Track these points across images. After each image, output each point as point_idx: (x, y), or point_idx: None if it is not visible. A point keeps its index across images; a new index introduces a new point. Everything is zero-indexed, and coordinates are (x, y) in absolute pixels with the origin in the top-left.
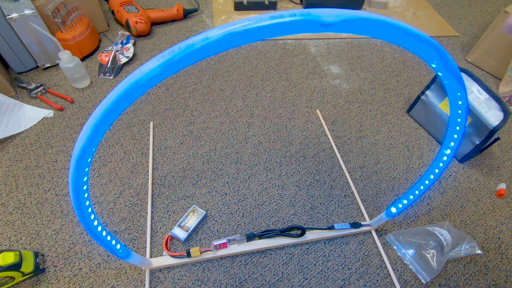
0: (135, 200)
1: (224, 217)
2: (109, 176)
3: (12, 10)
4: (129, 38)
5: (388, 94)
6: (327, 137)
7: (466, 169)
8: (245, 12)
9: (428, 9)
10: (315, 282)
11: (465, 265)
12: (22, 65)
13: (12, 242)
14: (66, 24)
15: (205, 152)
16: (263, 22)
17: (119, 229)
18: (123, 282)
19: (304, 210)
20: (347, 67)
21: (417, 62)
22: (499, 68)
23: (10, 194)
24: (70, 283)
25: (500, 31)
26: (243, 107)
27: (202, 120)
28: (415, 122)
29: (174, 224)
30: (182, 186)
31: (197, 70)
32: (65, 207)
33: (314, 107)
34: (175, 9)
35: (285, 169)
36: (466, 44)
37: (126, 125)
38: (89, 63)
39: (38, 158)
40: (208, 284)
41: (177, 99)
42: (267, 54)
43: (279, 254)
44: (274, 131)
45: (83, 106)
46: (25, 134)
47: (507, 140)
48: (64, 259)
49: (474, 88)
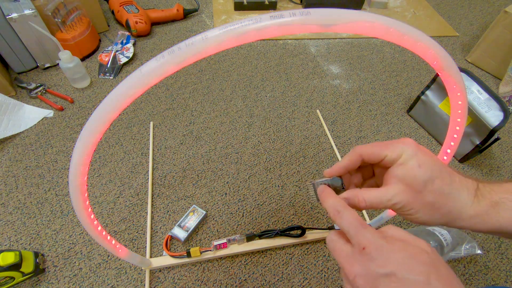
0: (135, 200)
1: (224, 217)
2: (109, 176)
3: (12, 10)
4: (129, 38)
5: (388, 94)
6: (327, 137)
7: (466, 169)
8: (245, 12)
9: (428, 9)
10: (315, 282)
11: (465, 265)
12: (22, 65)
13: (12, 242)
14: (66, 24)
15: (205, 152)
16: (263, 22)
17: (119, 229)
18: (123, 282)
19: (304, 210)
20: (347, 67)
21: (417, 62)
22: (499, 68)
23: (10, 194)
24: (70, 283)
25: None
26: (243, 107)
27: (202, 120)
28: (415, 122)
29: (174, 224)
30: (182, 186)
31: (197, 70)
32: (65, 207)
33: (314, 107)
34: (175, 9)
35: (285, 169)
36: (466, 44)
37: (126, 125)
38: (89, 63)
39: (38, 158)
40: (208, 284)
41: (177, 99)
42: (267, 54)
43: (279, 254)
44: (274, 131)
45: (83, 106)
46: (25, 134)
47: (507, 140)
48: (64, 259)
49: (474, 88)
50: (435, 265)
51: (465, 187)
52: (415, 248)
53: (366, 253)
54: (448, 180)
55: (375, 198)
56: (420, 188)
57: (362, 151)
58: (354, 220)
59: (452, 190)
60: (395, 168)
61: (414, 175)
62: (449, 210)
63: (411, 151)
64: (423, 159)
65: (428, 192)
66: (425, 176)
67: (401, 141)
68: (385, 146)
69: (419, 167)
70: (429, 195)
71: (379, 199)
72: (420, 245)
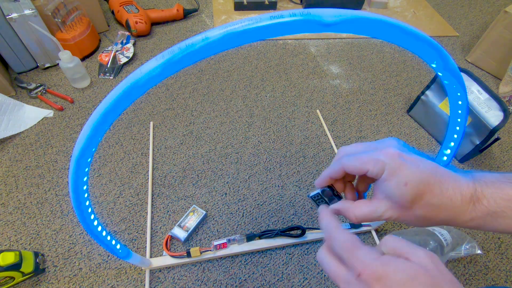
0: (135, 200)
1: (224, 217)
2: (109, 176)
3: (12, 10)
4: (129, 38)
5: (388, 94)
6: (327, 137)
7: (466, 169)
8: (245, 12)
9: (428, 9)
10: (315, 282)
11: (465, 265)
12: (22, 65)
13: (12, 242)
14: (66, 24)
15: (205, 152)
16: (263, 22)
17: (119, 229)
18: (123, 282)
19: (304, 210)
20: (347, 67)
21: (417, 62)
22: (499, 68)
23: (10, 194)
24: (70, 283)
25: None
26: (243, 107)
27: (202, 120)
28: (415, 122)
29: (174, 224)
30: (182, 186)
31: (197, 70)
32: (65, 207)
33: (314, 107)
34: (175, 9)
35: (285, 169)
36: (466, 44)
37: (126, 125)
38: (89, 63)
39: (38, 158)
40: (208, 284)
41: (177, 99)
42: (267, 54)
43: (279, 254)
44: (274, 131)
45: (83, 106)
46: (25, 134)
47: (507, 140)
48: (64, 259)
49: (474, 88)
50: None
51: (459, 193)
52: (414, 266)
53: (363, 280)
54: (439, 191)
55: (366, 215)
56: (408, 205)
57: (344, 164)
58: (346, 243)
59: (443, 200)
60: (380, 184)
61: (401, 194)
62: (442, 219)
63: (393, 165)
64: (408, 174)
65: (417, 207)
66: (411, 194)
67: (383, 152)
68: (367, 160)
69: (405, 185)
70: (419, 210)
71: (370, 216)
72: (421, 260)
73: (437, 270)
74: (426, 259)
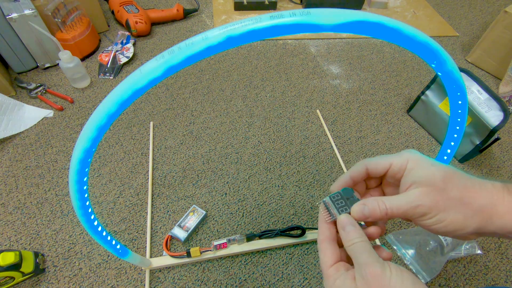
0: (135, 200)
1: (224, 217)
2: (109, 176)
3: (12, 10)
4: (129, 38)
5: (388, 94)
6: (327, 137)
7: (466, 169)
8: (245, 12)
9: (428, 9)
10: (315, 282)
11: (465, 265)
12: (22, 65)
13: (12, 242)
14: (66, 24)
15: (205, 152)
16: (263, 22)
17: (119, 229)
18: (123, 282)
19: (304, 210)
20: (347, 67)
21: (417, 62)
22: (499, 68)
23: (10, 194)
24: (70, 283)
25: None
26: (243, 107)
27: (202, 120)
28: (415, 122)
29: (174, 224)
30: (182, 186)
31: (197, 70)
32: (65, 207)
33: (314, 107)
34: (175, 9)
35: (285, 169)
36: (466, 44)
37: (126, 125)
38: (89, 63)
39: (38, 158)
40: (208, 284)
41: (177, 99)
42: (267, 54)
43: (279, 254)
44: (274, 131)
45: (83, 106)
46: (25, 134)
47: (507, 140)
48: (64, 259)
49: (474, 88)
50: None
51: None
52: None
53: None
54: (466, 176)
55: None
56: (441, 185)
57: (367, 162)
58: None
59: (475, 182)
60: (408, 175)
61: (432, 173)
62: (481, 204)
63: (416, 157)
64: (433, 161)
65: (451, 187)
66: (441, 172)
67: (404, 151)
68: (390, 157)
69: (433, 165)
70: (453, 190)
71: (404, 206)
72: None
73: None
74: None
